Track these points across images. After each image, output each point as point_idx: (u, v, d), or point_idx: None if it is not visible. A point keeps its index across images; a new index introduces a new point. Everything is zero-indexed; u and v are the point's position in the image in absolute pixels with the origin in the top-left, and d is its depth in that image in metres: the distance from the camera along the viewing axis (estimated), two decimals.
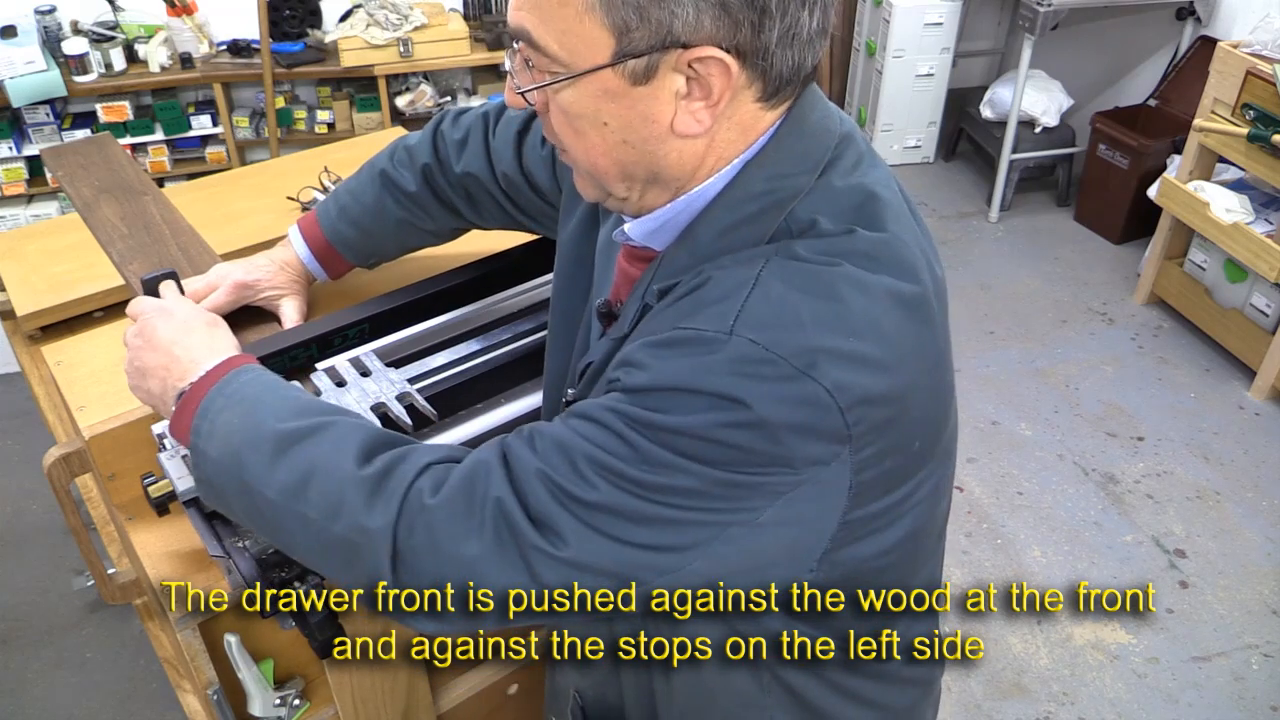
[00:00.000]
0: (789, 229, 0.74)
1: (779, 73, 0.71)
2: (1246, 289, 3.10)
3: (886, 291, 0.71)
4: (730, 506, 0.69)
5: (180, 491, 0.91)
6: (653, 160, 0.74)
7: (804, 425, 0.67)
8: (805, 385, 0.66)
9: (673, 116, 0.71)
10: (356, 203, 1.14)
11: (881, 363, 0.69)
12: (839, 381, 0.67)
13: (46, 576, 2.53)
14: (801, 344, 0.67)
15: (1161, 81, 3.76)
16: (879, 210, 0.75)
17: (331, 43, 3.32)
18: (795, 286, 0.69)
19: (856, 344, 0.68)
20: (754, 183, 0.74)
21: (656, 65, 0.69)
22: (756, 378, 0.66)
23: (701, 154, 0.74)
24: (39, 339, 1.55)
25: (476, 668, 1.29)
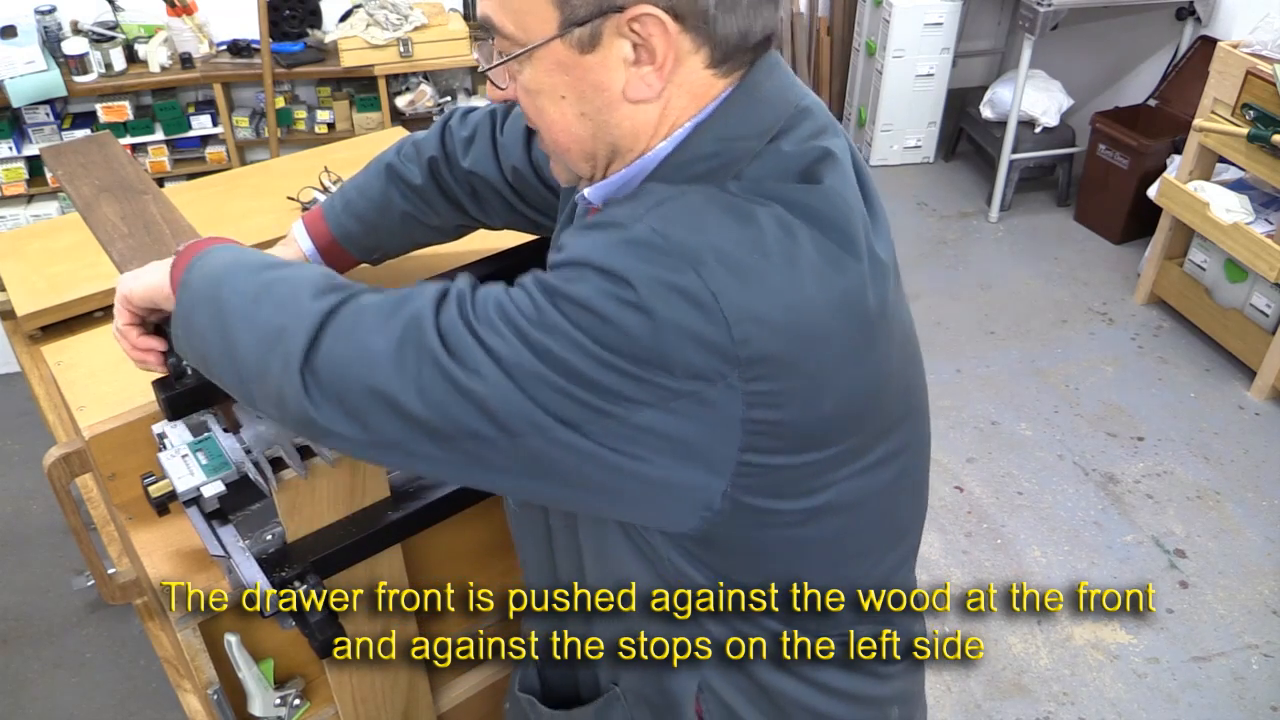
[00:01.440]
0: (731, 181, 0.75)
1: (725, 38, 0.73)
2: (1246, 289, 3.10)
3: (810, 239, 0.72)
4: (610, 400, 0.69)
5: (180, 492, 0.91)
6: (608, 131, 0.76)
7: (683, 324, 0.67)
8: (689, 279, 0.68)
9: (624, 83, 0.73)
10: (362, 197, 1.14)
11: (783, 292, 0.69)
12: (726, 287, 0.68)
13: (46, 576, 2.53)
14: (698, 243, 0.69)
15: (1161, 81, 3.76)
16: (824, 171, 0.76)
17: (331, 43, 3.32)
18: (715, 205, 0.72)
19: (759, 262, 0.69)
20: (703, 144, 0.76)
21: (600, 31, 0.71)
22: (645, 260, 0.68)
23: (655, 122, 0.76)
24: (39, 339, 1.55)
25: (476, 668, 1.29)
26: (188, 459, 0.93)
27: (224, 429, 0.97)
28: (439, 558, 1.19)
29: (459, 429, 0.71)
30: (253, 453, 0.94)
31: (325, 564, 0.97)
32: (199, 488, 0.91)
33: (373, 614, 1.09)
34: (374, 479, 1.01)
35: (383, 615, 1.10)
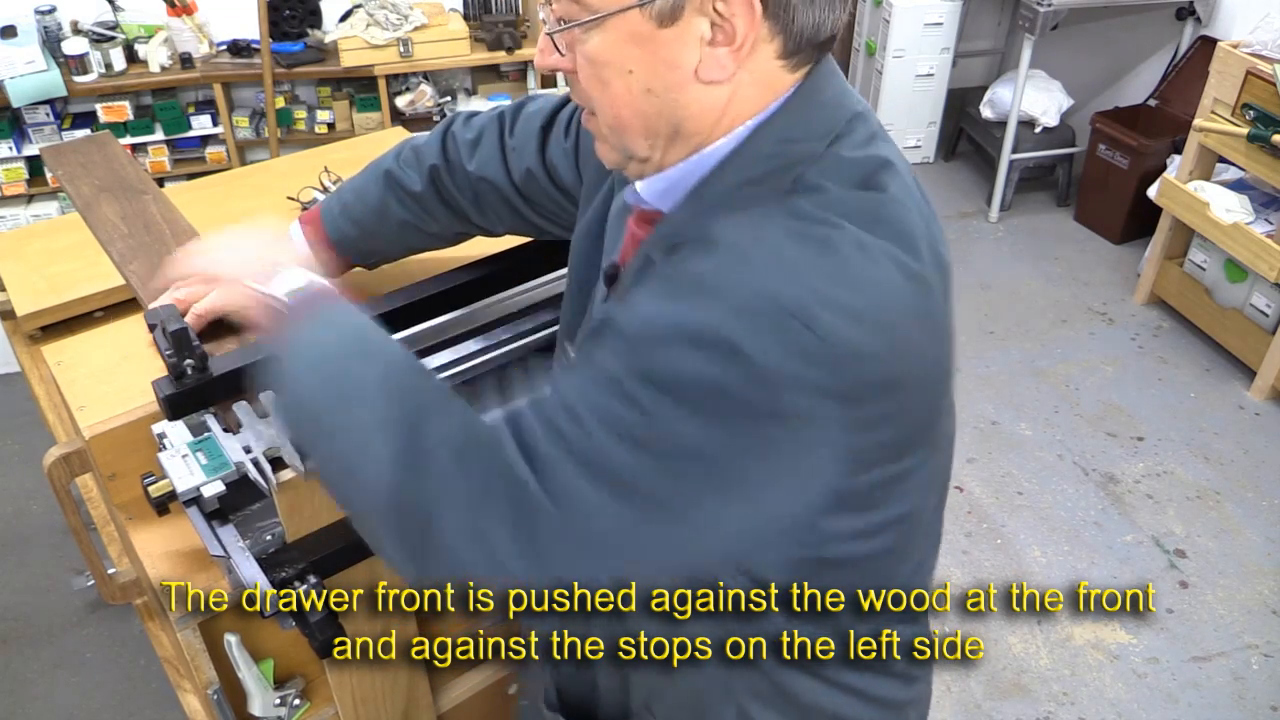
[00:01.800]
0: (796, 192, 0.74)
1: (800, 29, 0.72)
2: (1246, 289, 3.10)
3: (886, 255, 0.71)
4: (728, 466, 0.68)
5: (180, 492, 0.91)
6: (675, 110, 0.74)
7: (796, 375, 0.66)
8: (800, 334, 0.66)
9: (697, 62, 0.72)
10: (359, 201, 1.14)
11: (878, 321, 0.69)
12: (831, 331, 0.66)
13: (46, 576, 2.53)
14: (798, 293, 0.67)
15: (1161, 81, 3.76)
16: (888, 180, 0.75)
17: (331, 43, 3.32)
18: (795, 239, 0.70)
19: (853, 298, 0.68)
20: (764, 144, 0.75)
21: (682, 7, 0.70)
22: (752, 324, 0.66)
23: (722, 107, 0.74)
24: (39, 339, 1.55)
25: (476, 668, 1.29)
26: (188, 459, 0.93)
27: (224, 429, 0.97)
28: None
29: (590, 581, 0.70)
30: (253, 453, 0.94)
31: (325, 564, 0.97)
32: (199, 488, 0.91)
33: (373, 614, 1.09)
34: None
35: (383, 615, 1.10)
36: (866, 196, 0.73)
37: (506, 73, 3.64)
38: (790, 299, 0.67)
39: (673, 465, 0.68)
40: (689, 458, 0.68)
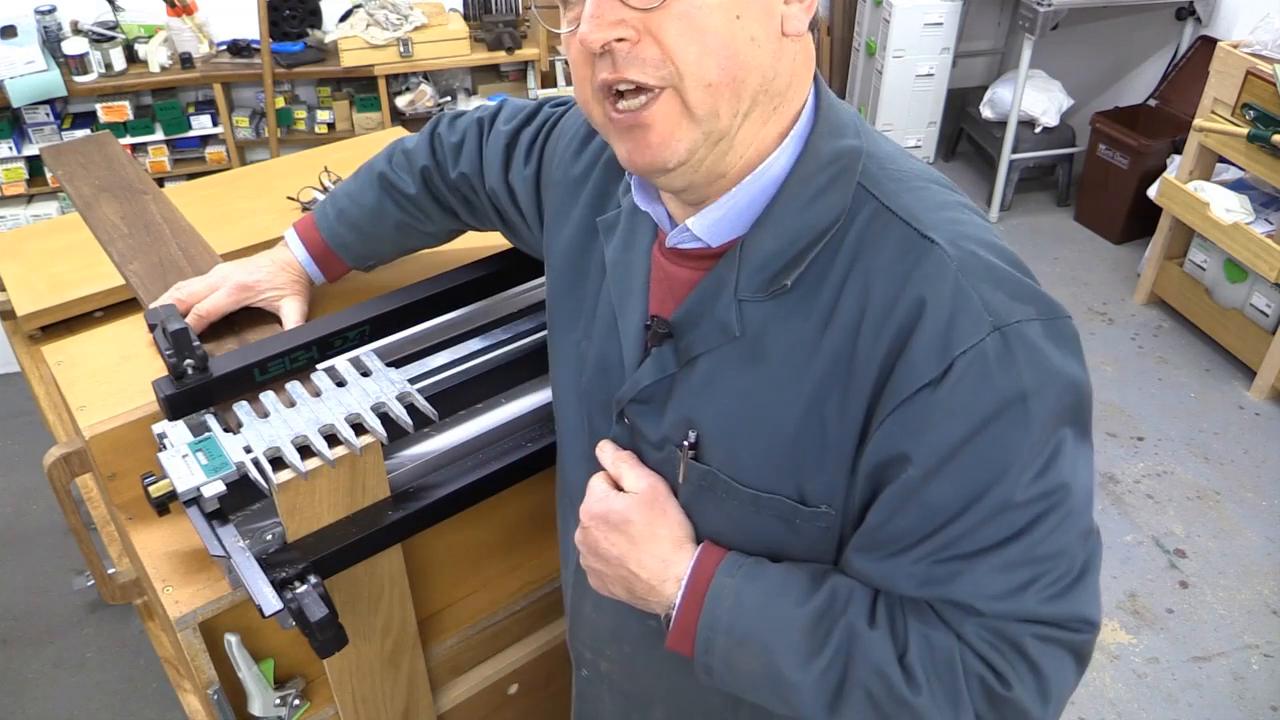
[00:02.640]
0: (869, 192, 0.73)
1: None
2: (1246, 289, 3.09)
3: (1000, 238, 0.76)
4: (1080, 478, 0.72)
5: (180, 492, 0.91)
6: (769, 66, 0.70)
7: (1081, 356, 0.72)
8: (1062, 324, 0.71)
9: (783, 14, 0.70)
10: (355, 205, 1.13)
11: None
12: (1064, 309, 0.72)
13: (46, 576, 2.53)
14: (1038, 293, 0.71)
15: (1161, 81, 3.76)
16: (930, 171, 0.78)
17: (331, 43, 3.32)
18: (983, 247, 0.71)
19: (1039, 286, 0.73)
20: (821, 152, 0.73)
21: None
22: (1059, 342, 0.70)
23: (792, 66, 0.72)
24: (39, 339, 1.55)
25: (476, 668, 1.29)
26: (188, 459, 0.93)
27: (224, 429, 0.97)
28: (439, 558, 1.19)
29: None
30: (253, 452, 0.94)
31: (325, 564, 0.97)
32: (199, 488, 0.91)
33: (373, 614, 1.09)
34: (374, 479, 1.01)
35: (383, 615, 1.10)
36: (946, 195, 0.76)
37: (506, 73, 3.64)
38: (1051, 303, 0.72)
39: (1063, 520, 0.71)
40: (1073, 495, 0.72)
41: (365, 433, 0.98)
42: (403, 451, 1.09)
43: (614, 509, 0.83)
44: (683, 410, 0.79)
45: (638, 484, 0.84)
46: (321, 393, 1.01)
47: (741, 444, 0.77)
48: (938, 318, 0.67)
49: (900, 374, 0.68)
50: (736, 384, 0.76)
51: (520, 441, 1.13)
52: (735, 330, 0.75)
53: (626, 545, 0.82)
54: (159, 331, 0.98)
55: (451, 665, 1.25)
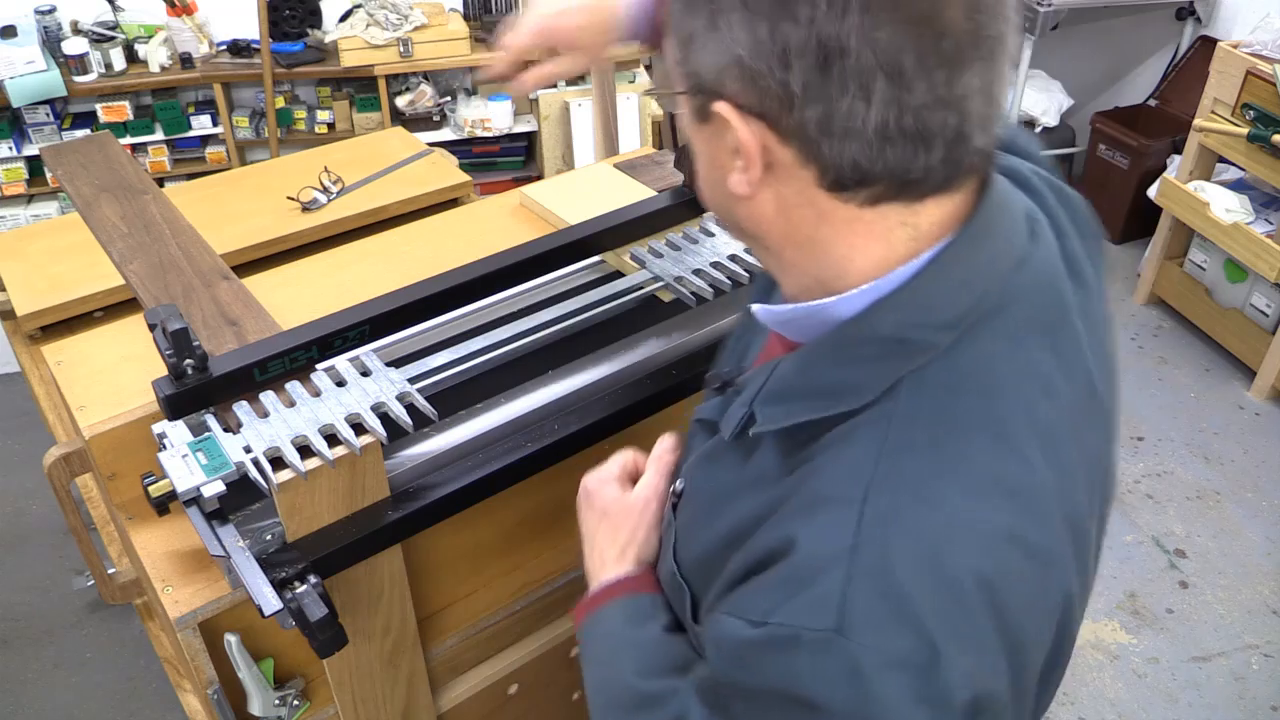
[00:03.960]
0: (896, 394, 0.63)
1: (834, 164, 0.60)
2: (1246, 289, 3.10)
3: (1006, 538, 0.61)
4: None
5: (180, 491, 0.91)
6: (729, 211, 0.67)
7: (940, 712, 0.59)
8: (938, 682, 0.57)
9: (729, 171, 0.63)
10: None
11: (1003, 642, 0.60)
12: (963, 682, 0.58)
13: (46, 576, 2.53)
14: (924, 640, 0.57)
15: (1161, 81, 3.76)
16: (1011, 424, 0.63)
17: (331, 43, 3.32)
18: (903, 556, 0.59)
19: (975, 632, 0.59)
20: (882, 325, 0.63)
21: (706, 109, 0.62)
22: (884, 684, 0.57)
23: (770, 219, 0.65)
24: (39, 339, 1.55)
25: (476, 668, 1.29)
26: (188, 459, 0.93)
27: (224, 429, 0.97)
28: (439, 558, 1.19)
29: None
30: (253, 452, 0.94)
31: (325, 564, 0.97)
32: (199, 488, 0.91)
33: (373, 614, 1.09)
34: (374, 479, 1.01)
35: (383, 615, 1.11)
36: (976, 461, 0.62)
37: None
38: (920, 656, 0.58)
39: None
40: None
41: (365, 433, 0.98)
42: (403, 451, 1.09)
43: (607, 499, 0.91)
44: (692, 461, 0.81)
45: (642, 490, 0.89)
46: (321, 393, 1.01)
47: (693, 522, 0.77)
48: (793, 572, 0.60)
49: (745, 588, 0.64)
50: (717, 473, 0.75)
51: (520, 441, 1.13)
52: (728, 432, 0.72)
53: (594, 528, 0.92)
54: (159, 331, 0.98)
55: (451, 665, 1.25)
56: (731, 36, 0.58)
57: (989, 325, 0.64)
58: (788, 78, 0.57)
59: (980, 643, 0.59)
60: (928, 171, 0.60)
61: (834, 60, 0.56)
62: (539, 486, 1.17)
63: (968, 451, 0.62)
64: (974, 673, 0.59)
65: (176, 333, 0.95)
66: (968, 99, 0.59)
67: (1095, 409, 0.72)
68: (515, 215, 1.46)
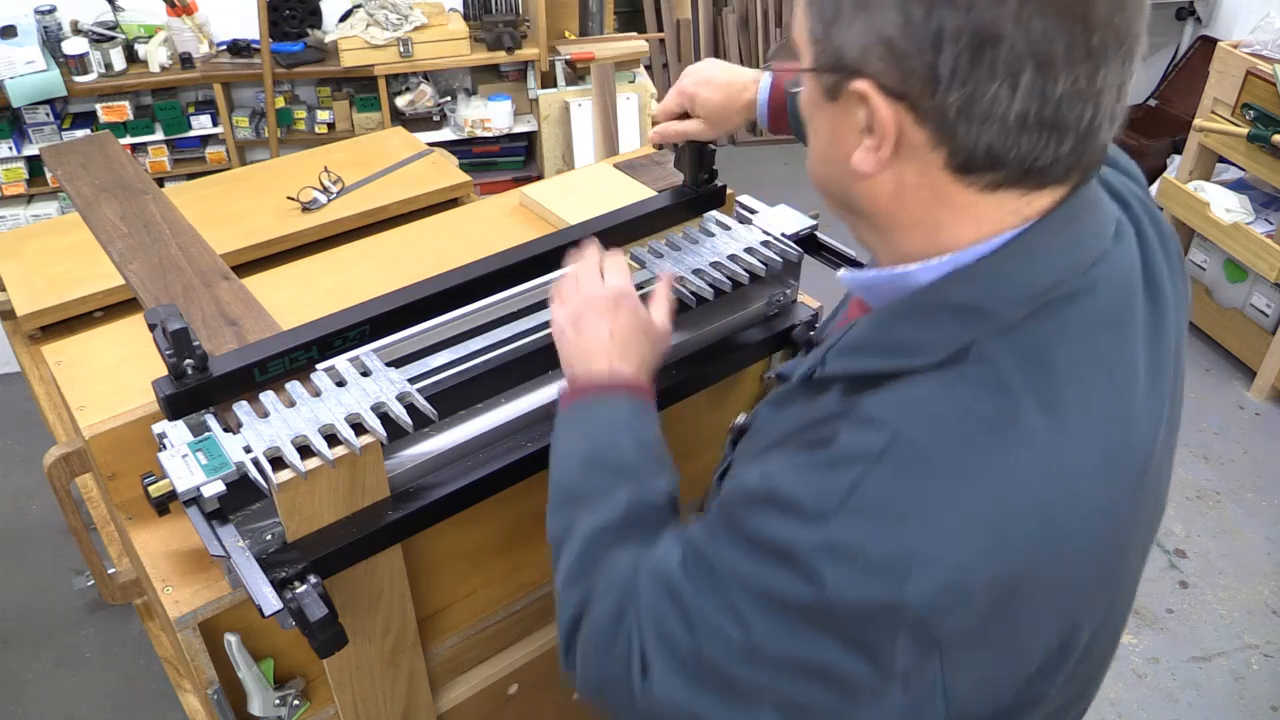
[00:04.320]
0: (962, 358, 0.66)
1: (968, 147, 0.62)
2: (1246, 289, 3.10)
3: (1022, 490, 0.64)
4: (814, 692, 0.65)
5: (180, 492, 0.91)
6: (843, 187, 0.70)
7: (887, 627, 0.62)
8: (891, 594, 0.61)
9: (854, 148, 0.66)
10: None
11: (988, 567, 0.63)
12: (930, 593, 0.61)
13: (46, 576, 2.53)
14: (898, 547, 0.61)
15: (1161, 81, 3.77)
16: (1057, 397, 0.65)
17: (331, 43, 3.32)
18: (914, 474, 0.63)
19: (962, 548, 0.62)
20: (955, 292, 0.67)
21: (841, 87, 0.64)
22: (843, 571, 0.62)
23: (886, 199, 0.67)
24: (39, 339, 1.55)
25: (476, 668, 1.29)
26: (188, 459, 0.93)
27: (224, 429, 0.97)
28: (439, 558, 1.19)
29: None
30: (253, 452, 0.94)
31: (325, 564, 0.97)
32: (199, 488, 0.91)
33: (373, 614, 1.09)
34: (374, 479, 1.01)
35: (383, 615, 1.11)
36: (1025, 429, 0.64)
37: (506, 73, 3.64)
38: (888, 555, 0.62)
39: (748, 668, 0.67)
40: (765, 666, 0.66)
41: (365, 433, 0.98)
42: (403, 451, 1.09)
43: (605, 299, 0.97)
44: (763, 402, 0.85)
45: (617, 279, 0.99)
46: (321, 393, 1.01)
47: (742, 453, 0.82)
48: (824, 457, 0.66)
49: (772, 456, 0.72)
50: (776, 409, 0.80)
51: (520, 441, 1.13)
52: (795, 377, 0.77)
53: (605, 334, 0.95)
54: (159, 331, 0.98)
55: (451, 665, 1.25)
56: (883, 17, 0.60)
57: (1062, 309, 0.66)
58: (937, 61, 0.59)
59: (959, 584, 0.62)
60: (1054, 162, 0.63)
61: (987, 47, 0.58)
62: (539, 486, 1.17)
63: (1017, 414, 0.64)
64: (939, 604, 0.61)
65: (176, 333, 0.95)
66: (1104, 94, 0.61)
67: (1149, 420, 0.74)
68: (515, 215, 1.46)
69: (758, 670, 0.66)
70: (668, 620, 0.71)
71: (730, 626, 0.67)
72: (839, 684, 0.64)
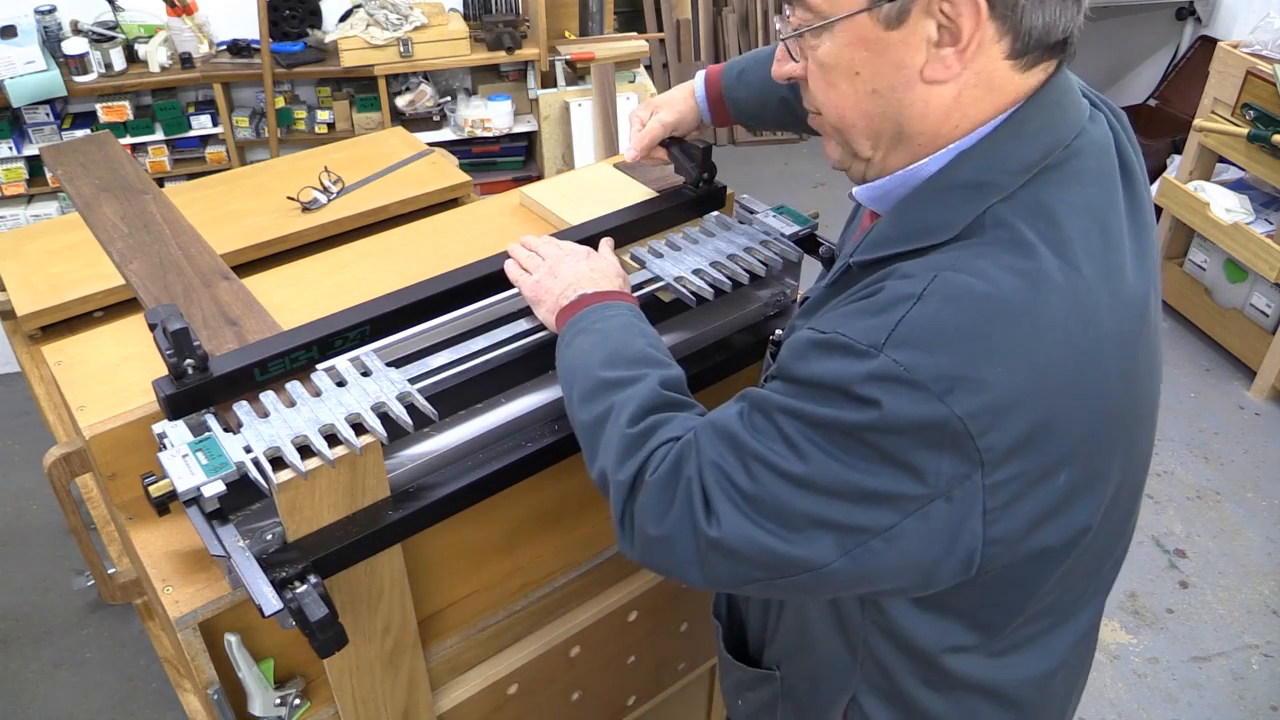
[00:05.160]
0: (979, 227, 0.75)
1: (1029, 29, 0.72)
2: (1246, 289, 3.10)
3: (1050, 323, 0.72)
4: (867, 514, 0.73)
5: (180, 491, 0.91)
6: (900, 111, 0.76)
7: (934, 442, 0.70)
8: (937, 408, 0.69)
9: (923, 63, 0.73)
10: (756, 67, 1.20)
11: (1023, 392, 0.70)
12: (972, 409, 0.69)
13: (46, 576, 2.53)
14: (941, 369, 0.69)
15: (1161, 81, 3.77)
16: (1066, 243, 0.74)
17: (331, 43, 3.32)
18: (954, 307, 0.71)
19: (999, 372, 0.70)
20: (962, 172, 0.76)
21: (909, 8, 0.71)
22: (893, 393, 0.69)
23: (948, 106, 0.75)
24: (39, 339, 1.55)
25: (476, 668, 1.29)
26: (188, 459, 0.93)
27: (224, 429, 0.97)
28: (439, 558, 1.19)
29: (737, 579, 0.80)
30: (253, 452, 0.94)
31: (325, 564, 0.97)
32: (199, 487, 0.91)
33: (373, 614, 1.09)
34: (374, 479, 1.01)
35: (383, 615, 1.10)
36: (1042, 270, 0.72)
37: (506, 73, 3.64)
38: (932, 376, 0.69)
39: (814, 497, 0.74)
40: (831, 497, 0.74)
41: (365, 433, 0.98)
42: (403, 451, 1.09)
43: (575, 249, 1.10)
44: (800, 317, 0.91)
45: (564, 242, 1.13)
46: (321, 393, 1.01)
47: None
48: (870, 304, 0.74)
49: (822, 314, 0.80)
50: (807, 312, 0.88)
51: (520, 441, 1.13)
52: (825, 280, 0.87)
53: (586, 268, 1.06)
54: (159, 331, 0.98)
55: (451, 665, 1.25)
56: None
57: (1053, 173, 0.76)
58: None
59: (1000, 406, 0.69)
60: (1071, 31, 0.74)
61: None
62: (539, 486, 1.17)
63: (1038, 261, 0.72)
64: (982, 420, 0.69)
65: (177, 333, 0.95)
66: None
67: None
68: (515, 215, 1.46)
69: (815, 500, 0.74)
70: (728, 463, 0.78)
71: (789, 462, 0.74)
72: (890, 503, 0.72)
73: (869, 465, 0.71)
